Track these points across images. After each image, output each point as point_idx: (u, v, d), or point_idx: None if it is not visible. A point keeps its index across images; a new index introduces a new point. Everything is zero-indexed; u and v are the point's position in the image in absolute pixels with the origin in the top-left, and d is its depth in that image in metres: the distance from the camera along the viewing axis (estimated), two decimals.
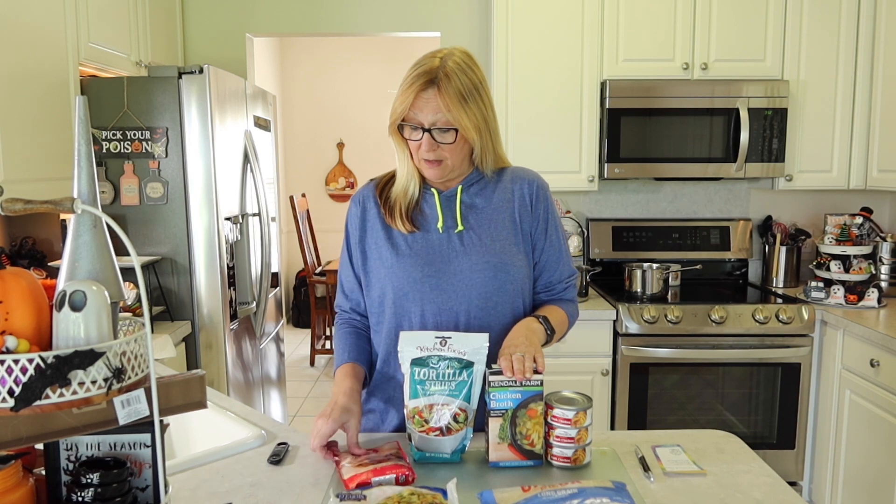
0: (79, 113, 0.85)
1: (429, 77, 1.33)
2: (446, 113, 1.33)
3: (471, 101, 1.34)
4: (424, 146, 1.36)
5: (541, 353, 1.31)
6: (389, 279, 1.43)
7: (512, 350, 1.29)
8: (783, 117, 2.96)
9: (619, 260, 3.28)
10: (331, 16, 3.44)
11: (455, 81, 1.32)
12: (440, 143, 1.36)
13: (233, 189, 2.78)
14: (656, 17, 2.98)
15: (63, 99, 2.32)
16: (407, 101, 1.34)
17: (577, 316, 1.59)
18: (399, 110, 1.36)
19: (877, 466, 2.48)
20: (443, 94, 1.32)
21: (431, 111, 1.33)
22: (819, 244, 3.09)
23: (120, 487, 0.89)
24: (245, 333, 2.95)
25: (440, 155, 1.38)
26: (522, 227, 1.47)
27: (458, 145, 1.38)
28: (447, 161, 1.39)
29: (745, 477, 1.26)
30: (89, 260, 0.84)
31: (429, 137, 1.35)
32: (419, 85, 1.33)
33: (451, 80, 1.32)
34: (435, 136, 1.35)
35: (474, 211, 1.45)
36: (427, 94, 1.33)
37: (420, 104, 1.34)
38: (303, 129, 6.71)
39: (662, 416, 2.83)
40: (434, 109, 1.33)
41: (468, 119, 1.34)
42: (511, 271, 1.43)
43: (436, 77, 1.32)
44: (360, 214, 1.50)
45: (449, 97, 1.32)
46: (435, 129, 1.35)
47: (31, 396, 0.75)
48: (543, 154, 3.05)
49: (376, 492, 1.11)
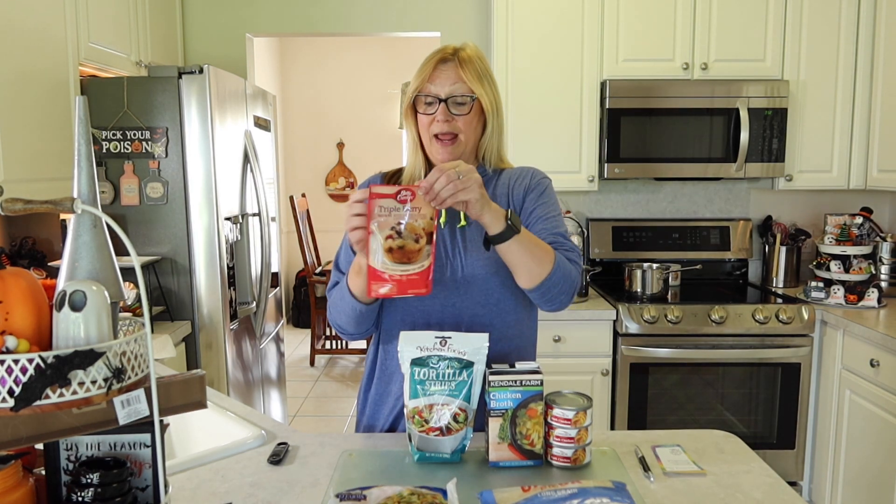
0: (79, 113, 0.85)
1: (446, 55, 1.42)
2: (464, 83, 1.39)
3: (485, 81, 1.42)
4: (440, 116, 1.40)
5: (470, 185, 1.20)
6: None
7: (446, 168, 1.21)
8: (783, 117, 2.96)
9: (619, 260, 3.28)
10: (331, 16, 3.44)
11: (473, 62, 1.41)
12: (456, 114, 1.40)
13: (233, 189, 2.78)
14: (656, 17, 2.98)
15: (63, 99, 2.32)
16: (424, 75, 1.41)
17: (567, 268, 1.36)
18: (416, 84, 1.42)
19: (877, 466, 2.48)
20: (461, 66, 1.40)
21: (449, 81, 1.40)
22: (819, 244, 3.09)
23: (120, 487, 0.89)
24: (245, 333, 2.95)
25: (454, 127, 1.41)
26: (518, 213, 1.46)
27: (472, 119, 1.42)
28: (460, 136, 1.42)
29: (745, 477, 1.26)
30: (89, 260, 0.84)
31: (444, 108, 1.40)
32: (437, 59, 1.41)
33: (471, 60, 1.41)
34: (451, 107, 1.40)
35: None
36: (445, 66, 1.41)
37: (437, 75, 1.40)
38: (303, 129, 6.71)
39: (662, 416, 2.83)
40: (452, 80, 1.40)
41: (485, 93, 1.41)
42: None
43: (454, 54, 1.41)
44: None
45: (467, 69, 1.40)
46: (451, 99, 1.39)
47: (31, 396, 0.75)
48: (543, 154, 3.05)
49: (376, 492, 1.11)
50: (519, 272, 1.33)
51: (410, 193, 1.20)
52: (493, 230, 1.26)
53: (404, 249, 1.21)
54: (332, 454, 1.35)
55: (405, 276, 1.22)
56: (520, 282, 1.35)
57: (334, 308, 1.45)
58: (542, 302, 1.39)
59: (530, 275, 1.32)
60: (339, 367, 5.34)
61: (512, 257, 1.31)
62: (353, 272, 1.35)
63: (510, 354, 1.45)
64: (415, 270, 1.22)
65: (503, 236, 1.26)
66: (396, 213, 1.20)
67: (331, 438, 1.43)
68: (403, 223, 1.20)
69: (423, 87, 1.41)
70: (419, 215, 1.21)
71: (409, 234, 1.21)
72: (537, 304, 1.42)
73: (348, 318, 1.41)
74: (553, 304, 1.38)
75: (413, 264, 1.22)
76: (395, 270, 1.22)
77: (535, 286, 1.33)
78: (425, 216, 1.21)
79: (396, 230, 1.20)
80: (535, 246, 1.32)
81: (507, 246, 1.28)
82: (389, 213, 1.20)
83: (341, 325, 1.45)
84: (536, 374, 1.26)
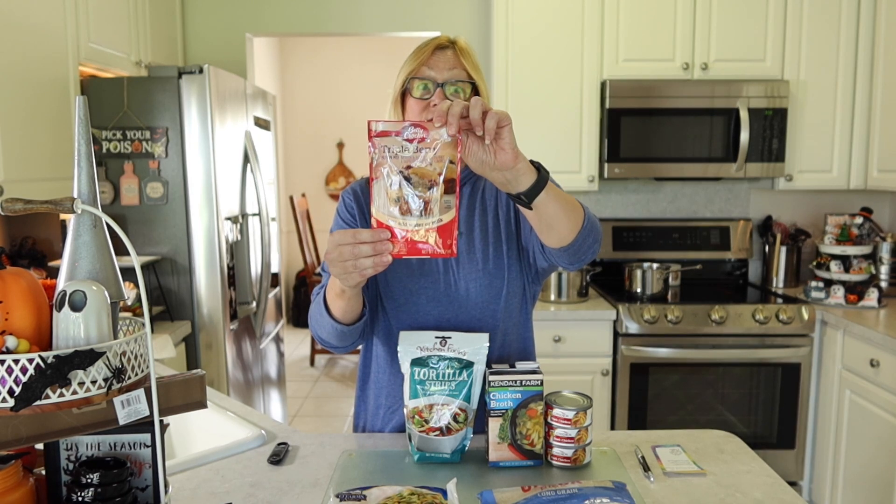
0: (79, 113, 0.85)
1: (443, 42, 1.36)
2: (463, 70, 1.34)
3: (481, 74, 1.38)
4: (436, 100, 1.32)
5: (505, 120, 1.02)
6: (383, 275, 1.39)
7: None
8: (783, 117, 2.96)
9: (620, 260, 3.28)
10: (330, 16, 3.44)
11: (471, 52, 1.37)
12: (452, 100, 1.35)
13: (233, 189, 2.78)
14: (656, 17, 2.98)
15: (63, 99, 2.32)
16: (422, 58, 1.33)
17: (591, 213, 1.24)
18: (411, 66, 1.34)
19: (877, 466, 2.48)
20: (460, 54, 1.35)
21: (447, 67, 1.34)
22: (819, 244, 3.09)
23: (120, 487, 0.89)
24: (245, 333, 2.95)
25: None
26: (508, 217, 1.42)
27: None
28: None
29: (745, 477, 1.26)
30: (89, 260, 0.85)
31: (441, 93, 1.33)
32: (434, 45, 1.35)
33: (468, 49, 1.37)
34: (447, 92, 1.33)
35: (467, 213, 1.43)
36: (444, 52, 1.35)
37: (435, 61, 1.34)
38: (303, 129, 6.71)
39: (662, 416, 2.83)
40: (450, 65, 1.34)
41: (482, 83, 1.37)
42: (504, 275, 1.40)
43: (452, 42, 1.37)
44: (354, 204, 1.44)
45: (466, 57, 1.35)
46: (449, 83, 1.33)
47: (31, 396, 0.75)
48: (543, 154, 3.05)
49: (376, 492, 1.11)
50: (557, 225, 1.15)
51: (422, 130, 1.01)
52: (527, 181, 1.07)
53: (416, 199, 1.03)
54: (332, 454, 1.35)
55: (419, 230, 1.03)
56: (555, 239, 1.18)
57: (314, 321, 1.34)
58: (574, 258, 1.24)
59: (567, 226, 1.16)
60: (339, 367, 5.34)
61: (549, 208, 1.12)
62: (334, 294, 1.24)
63: (509, 354, 1.44)
64: (430, 226, 1.03)
65: (540, 184, 1.08)
66: (405, 155, 1.01)
67: (331, 438, 1.43)
68: (413, 166, 1.01)
69: (420, 70, 1.32)
70: (434, 157, 1.02)
71: (419, 180, 1.02)
72: (566, 263, 1.27)
73: (329, 334, 1.32)
74: (585, 256, 1.24)
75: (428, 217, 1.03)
76: (405, 224, 1.03)
77: (571, 239, 1.18)
78: (441, 158, 1.02)
79: (405, 175, 1.02)
80: (564, 195, 1.16)
81: (546, 193, 1.09)
82: (396, 155, 1.01)
83: (323, 338, 1.34)
84: (536, 375, 1.26)
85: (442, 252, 1.04)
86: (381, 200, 1.03)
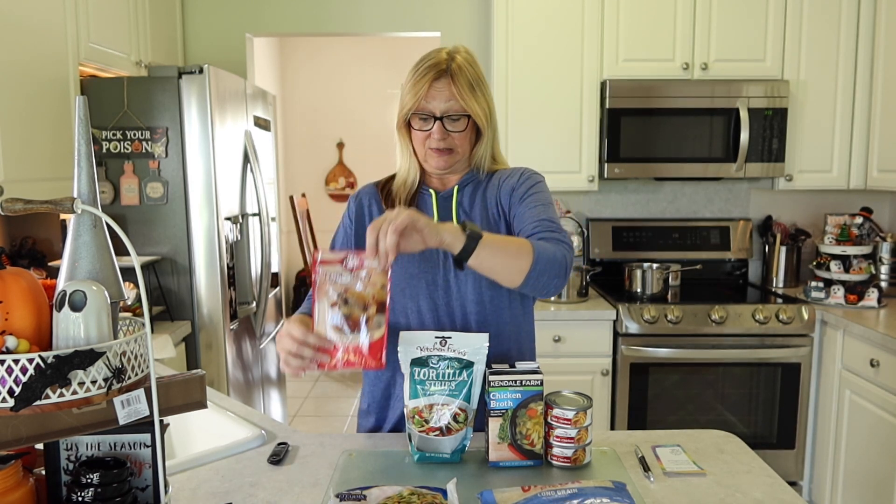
0: (79, 113, 0.85)
1: (440, 68, 1.39)
2: (459, 101, 1.38)
3: (478, 91, 1.41)
4: (436, 134, 1.40)
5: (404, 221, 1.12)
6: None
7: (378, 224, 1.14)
8: (783, 117, 2.96)
9: (619, 260, 3.28)
10: (330, 16, 3.44)
11: (465, 72, 1.39)
12: (451, 131, 1.40)
13: (233, 189, 2.78)
14: (656, 17, 2.98)
15: (63, 99, 2.32)
16: (420, 92, 1.38)
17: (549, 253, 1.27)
18: (411, 102, 1.40)
19: (877, 466, 2.48)
20: (455, 83, 1.38)
21: (444, 99, 1.38)
22: (819, 244, 3.09)
23: (120, 487, 0.89)
24: (245, 333, 2.95)
25: (450, 143, 1.41)
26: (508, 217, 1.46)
27: (467, 134, 1.43)
28: (457, 149, 1.43)
29: (745, 477, 1.26)
30: (89, 260, 0.85)
31: (440, 126, 1.39)
32: (432, 76, 1.38)
33: (462, 71, 1.39)
34: (446, 124, 1.39)
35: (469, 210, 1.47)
36: (440, 83, 1.38)
37: (433, 94, 1.38)
38: (303, 129, 6.70)
39: (662, 416, 2.83)
40: (447, 97, 1.38)
41: (478, 107, 1.40)
42: None
43: (447, 68, 1.39)
44: (357, 210, 1.52)
45: (461, 86, 1.38)
46: (446, 117, 1.39)
47: (31, 396, 0.75)
48: (543, 154, 3.05)
49: (376, 492, 1.12)
50: (500, 276, 1.26)
51: (358, 260, 1.16)
52: (456, 248, 1.19)
53: (351, 318, 1.17)
54: (332, 454, 1.35)
55: (352, 346, 1.18)
56: (505, 284, 1.29)
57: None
58: (535, 293, 1.33)
59: (511, 274, 1.25)
60: None
61: (486, 264, 1.22)
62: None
63: (509, 353, 1.45)
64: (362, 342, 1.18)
65: (468, 249, 1.19)
66: (343, 281, 1.17)
67: (331, 438, 1.43)
68: (351, 290, 1.17)
69: (420, 105, 1.39)
70: (369, 283, 1.17)
71: (356, 301, 1.17)
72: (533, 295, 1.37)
73: None
74: (547, 291, 1.30)
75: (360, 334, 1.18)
76: (343, 340, 1.18)
77: (520, 283, 1.26)
78: (375, 284, 1.17)
79: (343, 297, 1.17)
80: (506, 244, 1.26)
81: (476, 256, 1.19)
82: (336, 280, 1.17)
83: None
84: (536, 374, 1.26)
85: (373, 364, 1.19)
86: (322, 317, 1.19)
